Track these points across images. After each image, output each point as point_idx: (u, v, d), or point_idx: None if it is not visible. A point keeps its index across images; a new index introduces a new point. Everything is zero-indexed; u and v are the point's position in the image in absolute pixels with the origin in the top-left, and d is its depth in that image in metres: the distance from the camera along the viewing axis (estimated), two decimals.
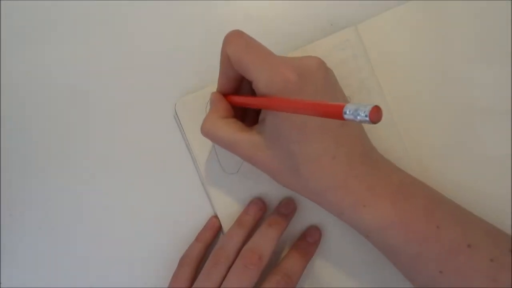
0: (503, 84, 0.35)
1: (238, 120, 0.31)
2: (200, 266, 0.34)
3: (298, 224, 0.35)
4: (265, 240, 0.32)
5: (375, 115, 0.17)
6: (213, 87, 0.35)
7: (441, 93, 0.35)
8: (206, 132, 0.30)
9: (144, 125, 0.36)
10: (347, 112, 0.18)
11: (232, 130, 0.29)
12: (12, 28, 0.37)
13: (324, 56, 0.34)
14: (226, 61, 0.29)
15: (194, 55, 0.36)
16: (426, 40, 0.35)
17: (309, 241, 0.34)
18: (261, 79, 0.27)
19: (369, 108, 0.17)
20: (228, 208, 0.35)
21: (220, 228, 0.35)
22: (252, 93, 0.29)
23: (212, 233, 0.35)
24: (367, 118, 0.17)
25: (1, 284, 0.36)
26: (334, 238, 0.35)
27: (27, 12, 0.37)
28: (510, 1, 0.35)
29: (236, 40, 0.28)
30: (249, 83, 0.28)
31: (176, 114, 0.35)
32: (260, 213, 0.34)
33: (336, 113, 0.18)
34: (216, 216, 0.35)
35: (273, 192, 0.35)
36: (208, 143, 0.35)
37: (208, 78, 0.36)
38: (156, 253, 0.36)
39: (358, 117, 0.17)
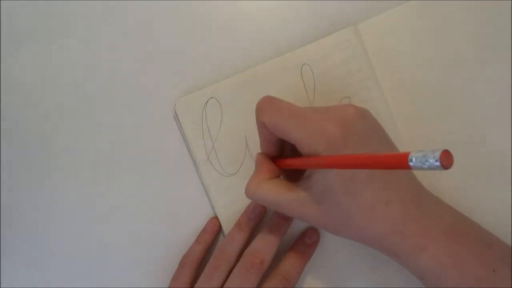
0: (503, 84, 0.35)
1: (283, 179, 0.31)
2: (200, 267, 0.34)
3: (297, 225, 0.35)
4: (266, 245, 0.32)
5: (447, 159, 0.15)
6: (213, 87, 0.35)
7: (441, 92, 0.35)
8: (251, 194, 0.30)
9: (144, 125, 0.36)
10: (414, 160, 0.16)
11: (277, 191, 0.29)
12: (12, 28, 0.37)
13: (324, 56, 0.35)
14: (263, 128, 0.29)
15: (194, 55, 0.36)
16: (426, 40, 0.35)
17: (307, 243, 0.34)
18: (304, 140, 0.27)
19: (438, 153, 0.15)
20: (228, 208, 0.35)
21: (220, 229, 0.35)
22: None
23: (212, 235, 0.35)
24: (438, 164, 0.15)
25: (1, 284, 0.36)
26: (333, 239, 0.35)
27: (27, 12, 0.37)
28: (510, 1, 0.35)
29: (268, 107, 0.29)
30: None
31: (176, 114, 0.35)
32: (260, 215, 0.34)
33: (401, 163, 0.17)
34: (216, 217, 0.35)
35: None
36: (208, 143, 0.35)
37: (208, 78, 0.36)
38: (156, 254, 0.36)
39: (427, 164, 0.16)
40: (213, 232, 0.35)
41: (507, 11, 0.35)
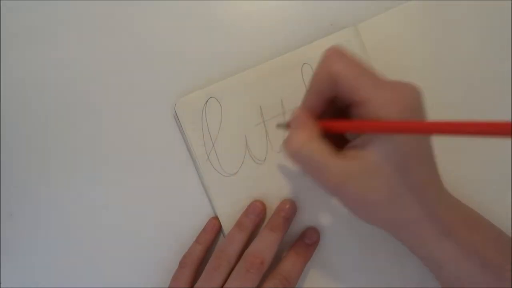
0: (503, 84, 0.35)
1: (329, 143, 0.28)
2: (200, 267, 0.34)
3: (297, 224, 0.35)
4: (267, 245, 0.32)
5: None
6: (213, 87, 0.35)
7: (441, 92, 0.35)
8: (295, 150, 0.27)
9: (144, 125, 0.36)
10: None
11: (327, 153, 0.26)
12: (12, 28, 0.37)
13: None
14: (328, 79, 0.27)
15: (194, 55, 0.36)
16: (426, 40, 0.35)
17: (307, 243, 0.34)
18: (378, 100, 0.25)
19: None
20: (228, 208, 0.35)
21: (220, 229, 0.35)
22: (337, 115, 0.28)
23: (212, 235, 0.35)
24: None
25: (1, 284, 0.36)
26: (333, 239, 0.35)
27: (27, 12, 0.37)
28: (510, 1, 0.35)
29: (342, 57, 0.27)
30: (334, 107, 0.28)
31: (176, 114, 0.35)
32: (260, 216, 0.34)
33: (505, 131, 0.18)
34: (215, 217, 0.35)
35: (273, 193, 0.35)
36: (208, 143, 0.35)
37: (208, 78, 0.36)
38: (156, 254, 0.36)
39: None
40: (213, 232, 0.35)
41: (507, 11, 0.35)
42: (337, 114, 0.29)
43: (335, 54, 0.27)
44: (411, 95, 0.25)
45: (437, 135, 0.23)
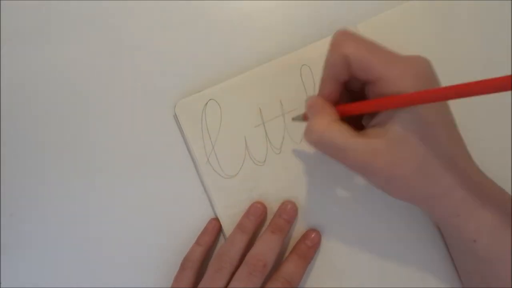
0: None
1: (349, 127, 0.28)
2: (201, 269, 0.34)
3: (298, 226, 0.35)
4: (269, 247, 0.32)
5: None
6: (213, 89, 0.35)
7: None
8: (319, 135, 0.27)
9: (144, 127, 0.36)
10: None
11: (348, 135, 0.27)
12: (12, 28, 0.37)
13: (324, 56, 0.34)
14: (340, 62, 0.27)
15: (194, 56, 0.36)
16: (426, 40, 0.35)
17: (308, 245, 0.34)
18: (392, 75, 0.25)
19: None
20: (229, 209, 0.35)
21: (220, 230, 0.35)
22: (352, 100, 0.29)
23: (213, 236, 0.35)
24: None
25: (1, 284, 0.36)
26: (334, 241, 0.35)
27: (27, 12, 0.37)
28: (510, 1, 0.35)
29: (351, 39, 0.27)
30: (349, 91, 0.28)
31: (176, 116, 0.35)
32: (261, 217, 0.34)
33: (505, 85, 0.19)
34: (216, 218, 0.35)
35: (273, 193, 0.35)
36: (208, 145, 0.35)
37: (208, 80, 0.36)
38: (156, 254, 0.36)
39: None
40: (214, 233, 0.35)
41: (507, 11, 0.35)
42: (352, 100, 0.29)
43: (344, 36, 0.27)
44: (423, 66, 0.26)
45: (454, 98, 0.23)
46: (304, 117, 0.32)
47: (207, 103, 0.35)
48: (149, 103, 0.36)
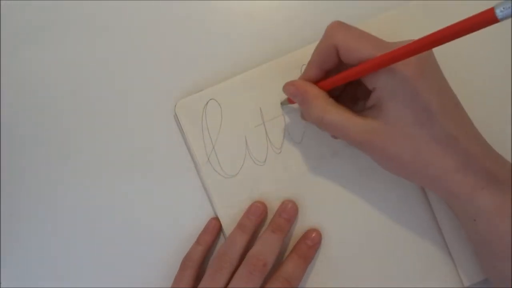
0: (503, 84, 0.35)
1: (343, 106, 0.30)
2: (201, 268, 0.34)
3: (298, 226, 0.35)
4: (269, 247, 0.32)
5: None
6: (213, 88, 0.35)
7: None
8: (319, 119, 0.29)
9: (145, 127, 0.36)
10: (501, 10, 0.17)
11: (346, 115, 0.28)
12: (12, 28, 0.37)
13: None
14: (328, 51, 0.29)
15: (194, 56, 0.36)
16: None
17: (309, 245, 0.34)
18: (379, 54, 0.26)
19: None
20: (229, 209, 0.35)
21: (220, 229, 0.35)
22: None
23: (213, 235, 0.35)
24: None
25: (1, 284, 0.36)
26: (334, 240, 0.35)
27: (27, 12, 0.37)
28: (510, 1, 0.35)
29: (344, 29, 0.28)
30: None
31: (176, 116, 0.35)
32: (261, 216, 0.34)
33: (489, 19, 0.18)
34: (216, 218, 0.35)
35: (273, 193, 0.35)
36: (208, 144, 0.35)
37: (208, 79, 0.36)
38: (156, 254, 0.36)
39: None
40: (214, 232, 0.35)
41: None
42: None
43: (336, 26, 0.29)
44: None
45: (436, 45, 0.23)
46: (289, 101, 0.34)
47: (207, 103, 0.35)
48: (149, 103, 0.36)
